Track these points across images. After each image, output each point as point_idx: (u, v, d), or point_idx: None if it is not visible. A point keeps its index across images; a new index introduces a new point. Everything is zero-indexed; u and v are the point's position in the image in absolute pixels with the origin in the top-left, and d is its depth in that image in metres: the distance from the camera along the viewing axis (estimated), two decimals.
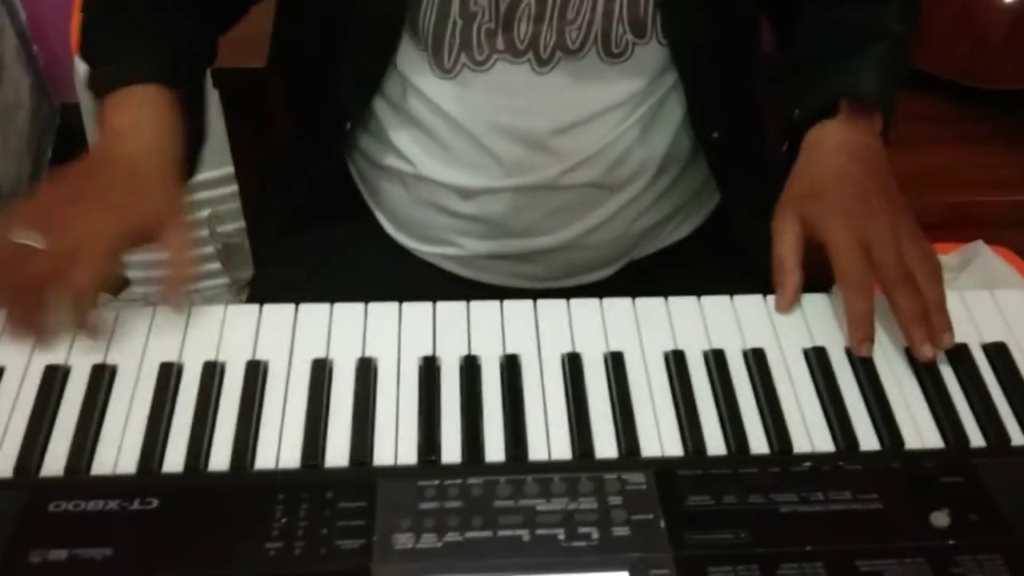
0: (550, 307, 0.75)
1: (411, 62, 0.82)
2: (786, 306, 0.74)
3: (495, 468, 0.64)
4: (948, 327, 0.71)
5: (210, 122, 0.88)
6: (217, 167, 1.65)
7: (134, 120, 0.77)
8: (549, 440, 0.66)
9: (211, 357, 0.70)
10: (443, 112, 0.83)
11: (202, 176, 1.67)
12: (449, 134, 0.84)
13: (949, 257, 1.34)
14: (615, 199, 0.87)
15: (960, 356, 0.72)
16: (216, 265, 1.76)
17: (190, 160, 0.82)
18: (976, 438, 0.67)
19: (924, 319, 0.70)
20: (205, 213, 1.72)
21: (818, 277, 0.78)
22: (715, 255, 0.95)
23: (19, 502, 0.60)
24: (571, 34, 0.80)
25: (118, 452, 0.64)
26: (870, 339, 0.71)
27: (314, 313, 0.74)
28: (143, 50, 0.80)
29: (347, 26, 0.82)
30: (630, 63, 0.82)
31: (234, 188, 1.61)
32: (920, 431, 0.67)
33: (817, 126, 0.81)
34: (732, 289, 0.77)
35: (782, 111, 0.87)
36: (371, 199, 0.95)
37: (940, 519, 0.60)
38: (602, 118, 0.84)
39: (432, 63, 0.81)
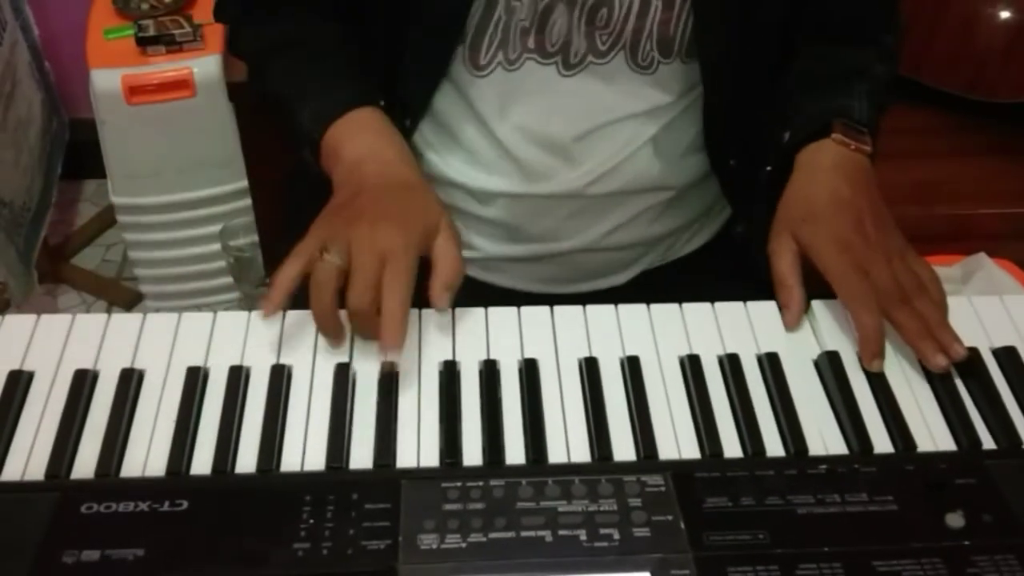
0: (567, 313, 0.76)
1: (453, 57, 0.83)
2: (794, 323, 0.76)
3: (516, 470, 0.65)
4: (956, 339, 0.72)
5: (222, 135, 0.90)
6: (230, 181, 1.67)
7: (369, 142, 0.80)
8: (568, 443, 0.68)
9: (236, 362, 0.71)
10: (473, 111, 0.85)
11: (215, 190, 1.70)
12: (475, 135, 0.86)
13: (952, 269, 1.35)
14: (632, 207, 0.89)
15: (971, 360, 0.73)
16: (228, 279, 1.78)
17: None
18: (988, 441, 0.68)
19: (929, 335, 0.72)
20: (217, 227, 1.74)
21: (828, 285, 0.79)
22: (727, 266, 0.97)
23: (51, 504, 0.61)
24: (601, 38, 0.82)
25: (147, 455, 0.66)
26: (881, 355, 0.72)
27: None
28: (341, 81, 0.83)
29: (412, 24, 0.83)
30: (655, 77, 0.84)
31: (247, 202, 1.63)
32: (932, 434, 0.69)
33: (811, 146, 0.83)
34: (744, 298, 0.78)
35: (768, 135, 0.89)
36: None
37: (955, 520, 0.61)
38: (622, 126, 0.85)
39: (467, 58, 0.83)
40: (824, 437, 0.68)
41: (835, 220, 0.78)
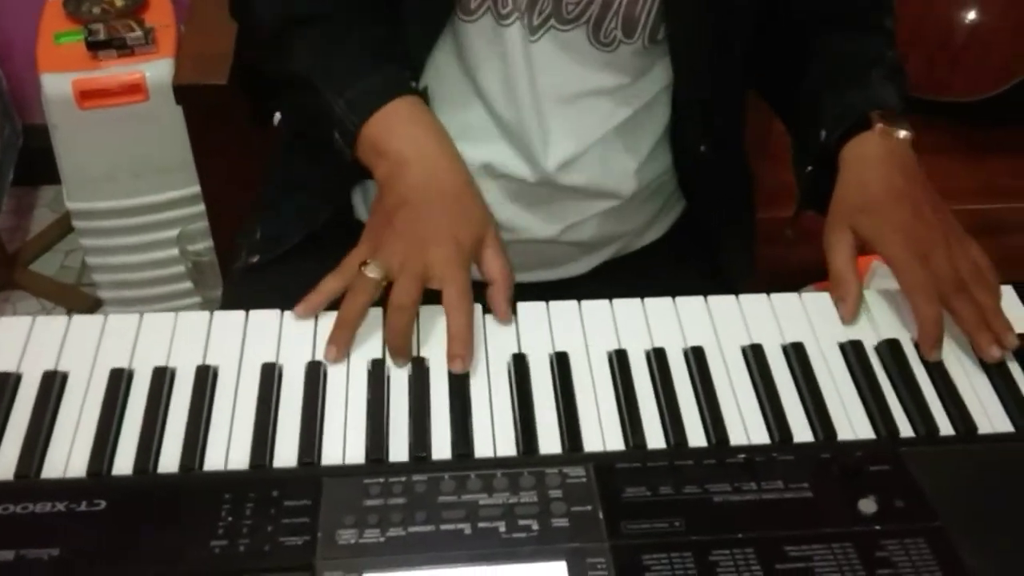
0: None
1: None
2: (851, 316, 0.76)
3: (441, 466, 0.65)
4: (1009, 328, 0.74)
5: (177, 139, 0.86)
6: (187, 186, 1.67)
7: (413, 141, 0.78)
8: (495, 438, 0.68)
9: (162, 362, 0.71)
10: (463, 63, 0.83)
11: (171, 194, 1.70)
12: (465, 93, 0.85)
13: None
14: (594, 206, 0.90)
15: (891, 350, 0.74)
16: (187, 284, 1.78)
17: None
18: (906, 429, 0.69)
19: (985, 324, 0.73)
20: (175, 232, 1.73)
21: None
22: (679, 259, 0.98)
23: None
24: (568, 6, 0.81)
25: (68, 456, 0.66)
26: (940, 343, 0.73)
27: (264, 319, 0.75)
28: (378, 64, 0.80)
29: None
30: (614, 56, 0.84)
31: (202, 207, 1.62)
32: (852, 423, 0.69)
33: (855, 140, 0.82)
34: (704, 285, 0.80)
35: (797, 137, 0.90)
36: (364, 206, 0.95)
37: (868, 506, 0.62)
38: (586, 104, 0.85)
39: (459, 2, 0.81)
40: (747, 427, 0.69)
41: (895, 209, 0.78)
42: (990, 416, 0.70)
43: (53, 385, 0.69)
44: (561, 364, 0.72)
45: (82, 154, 1.63)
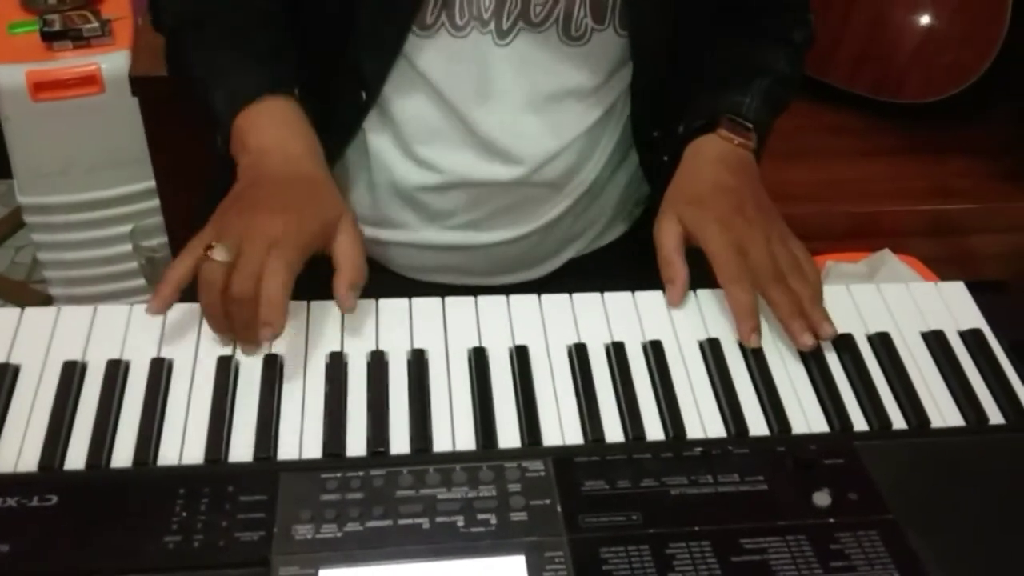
0: (458, 303, 0.77)
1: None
2: (678, 300, 0.78)
3: (399, 460, 0.65)
4: (825, 318, 0.75)
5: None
6: (141, 180, 1.64)
7: (277, 135, 0.79)
8: (454, 432, 0.68)
9: (115, 355, 0.70)
10: (422, 78, 0.84)
11: (125, 189, 1.67)
12: (429, 104, 0.85)
13: (857, 265, 1.38)
14: (561, 199, 0.90)
15: (846, 345, 0.75)
16: (141, 280, 1.75)
17: None
18: (860, 423, 0.70)
19: (801, 314, 0.75)
20: (128, 227, 1.71)
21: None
22: (638, 257, 0.98)
23: None
24: (535, 8, 0.82)
25: (20, 450, 0.64)
26: (757, 329, 0.75)
27: None
28: (254, 66, 0.81)
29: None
30: (587, 48, 0.85)
31: (156, 203, 1.60)
32: (807, 417, 0.70)
33: (699, 139, 0.87)
34: (661, 287, 0.80)
35: (665, 127, 0.91)
36: None
37: (822, 499, 0.62)
38: (559, 107, 0.86)
39: (415, 19, 0.81)
40: (703, 421, 0.70)
41: (718, 203, 0.81)
42: (942, 410, 0.71)
43: (4, 378, 0.68)
44: (521, 358, 0.73)
45: (35, 147, 1.60)
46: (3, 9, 1.59)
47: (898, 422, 0.70)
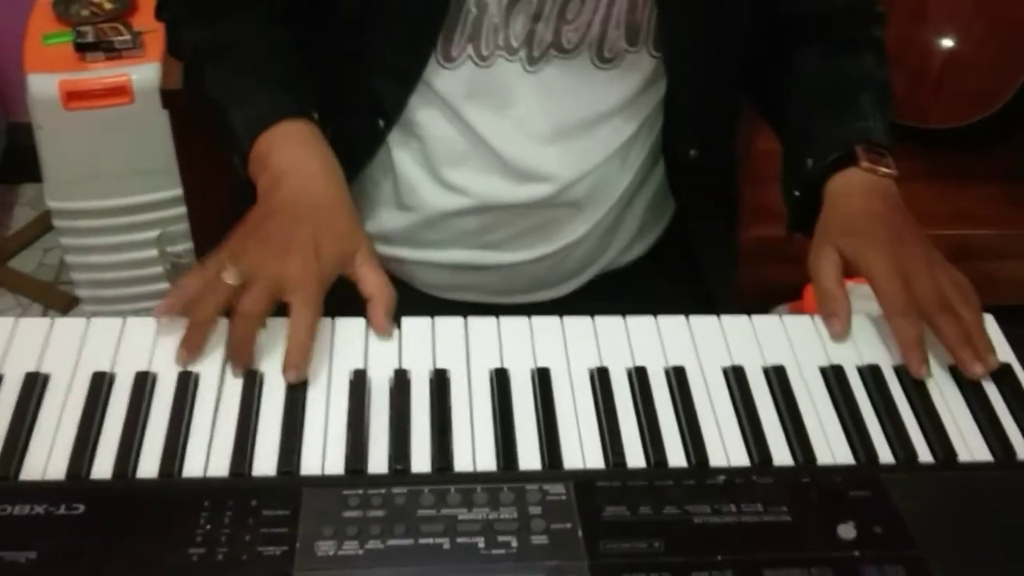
0: (480, 324, 0.77)
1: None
2: (842, 333, 0.77)
3: (420, 479, 0.65)
4: (991, 349, 0.75)
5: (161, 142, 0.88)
6: (168, 188, 1.66)
7: (295, 157, 0.79)
8: (475, 452, 0.68)
9: (144, 367, 0.71)
10: (446, 106, 0.84)
11: (152, 196, 1.69)
12: (454, 132, 0.85)
13: None
14: (592, 217, 0.90)
15: (872, 376, 0.75)
16: (165, 285, 1.77)
17: None
18: (886, 455, 0.70)
19: (969, 342, 0.74)
20: (155, 233, 1.73)
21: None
22: (662, 276, 0.99)
23: None
24: (567, 35, 0.82)
25: (48, 458, 0.65)
26: (925, 361, 0.74)
27: None
28: (272, 90, 0.82)
29: (385, 18, 0.83)
30: (619, 71, 0.85)
31: (182, 210, 1.62)
32: (832, 448, 0.70)
33: (839, 176, 0.85)
34: (681, 307, 0.80)
35: (787, 159, 0.91)
36: None
37: (847, 531, 0.62)
38: (590, 131, 0.86)
39: (439, 51, 0.82)
40: (727, 449, 0.69)
41: (877, 231, 0.80)
42: (969, 444, 0.71)
43: (34, 387, 0.68)
44: (543, 380, 0.73)
45: (65, 154, 1.62)
46: (38, 19, 1.62)
47: (924, 455, 0.70)
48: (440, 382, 0.72)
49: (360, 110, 0.87)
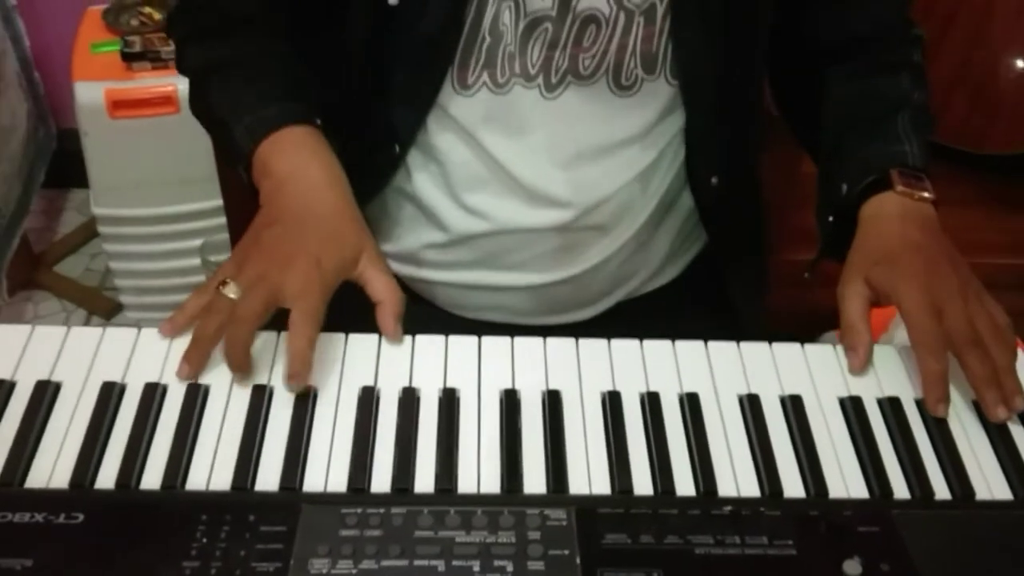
0: (494, 344, 0.76)
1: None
2: (860, 367, 0.75)
3: (421, 499, 0.65)
4: (1019, 391, 0.72)
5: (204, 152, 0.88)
6: (211, 198, 1.68)
7: (297, 161, 0.79)
8: (480, 474, 0.67)
9: (154, 379, 0.71)
10: (463, 131, 0.84)
11: (196, 205, 1.71)
12: (473, 156, 0.85)
13: None
14: (614, 241, 0.89)
15: (894, 409, 0.73)
16: None
17: None
18: (902, 490, 0.68)
19: (996, 383, 0.72)
20: (198, 242, 1.75)
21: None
22: (692, 301, 0.97)
23: None
24: (584, 61, 0.82)
25: (53, 467, 0.66)
26: (946, 399, 0.72)
27: (260, 342, 0.75)
28: (276, 99, 0.83)
29: (398, 42, 0.83)
30: (637, 98, 0.84)
31: (224, 219, 1.64)
32: (847, 481, 0.68)
33: (875, 200, 0.83)
34: (709, 334, 0.78)
35: (821, 182, 0.89)
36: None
37: (852, 567, 0.60)
38: (609, 156, 0.86)
39: (455, 78, 0.83)
40: (737, 478, 0.68)
41: (910, 261, 0.78)
42: (989, 482, 0.68)
43: (45, 395, 0.69)
44: (553, 402, 0.72)
45: (111, 162, 1.65)
46: (88, 28, 1.65)
47: (942, 492, 0.68)
48: (449, 401, 0.71)
49: (376, 135, 0.87)
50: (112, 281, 1.83)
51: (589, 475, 0.68)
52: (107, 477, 0.65)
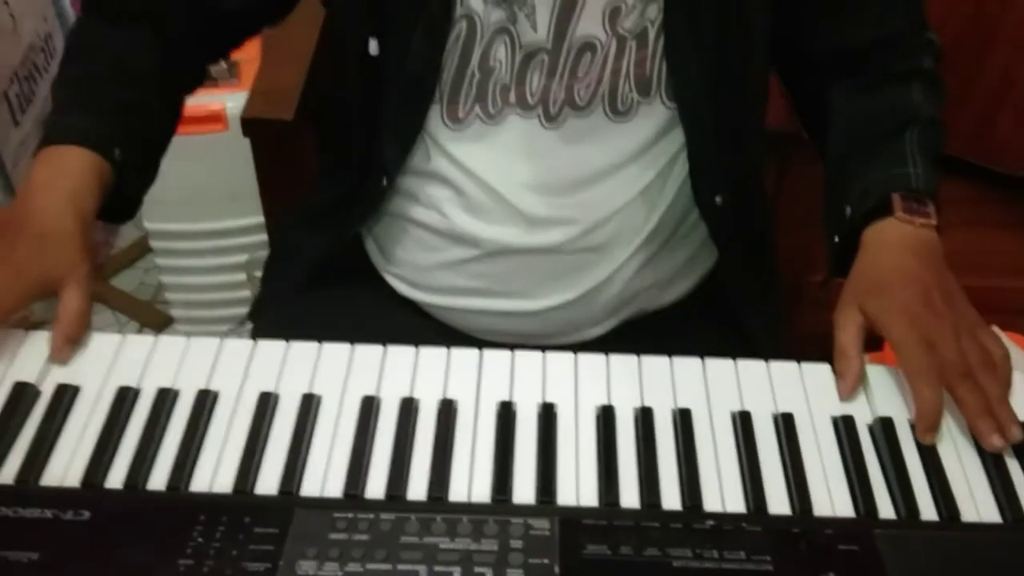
0: (494, 357, 0.78)
1: (428, 114, 0.86)
2: (848, 392, 0.76)
3: (411, 506, 0.67)
4: (1013, 419, 0.72)
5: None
6: (254, 214, 1.73)
7: (47, 179, 0.82)
8: (471, 483, 0.69)
9: (168, 384, 0.75)
10: (455, 163, 0.87)
11: (243, 221, 1.77)
12: (470, 186, 0.87)
13: None
14: (613, 262, 0.90)
15: (886, 429, 0.73)
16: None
17: (127, 206, 0.91)
18: (888, 510, 0.68)
19: (989, 413, 0.72)
20: (243, 258, 1.80)
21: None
22: (704, 320, 0.98)
23: None
24: (579, 91, 0.84)
25: (67, 466, 0.69)
26: (935, 428, 0.72)
27: (270, 350, 0.78)
28: (91, 113, 0.85)
29: (383, 85, 0.87)
30: (634, 123, 0.86)
31: (265, 236, 1.68)
32: (833, 499, 0.68)
33: (875, 226, 0.83)
34: (719, 353, 0.79)
35: (826, 201, 0.89)
36: (381, 256, 0.98)
37: None
38: (608, 179, 0.87)
39: (445, 114, 0.86)
40: (723, 494, 0.69)
41: (902, 292, 0.78)
42: (978, 504, 0.68)
43: (64, 397, 0.73)
44: (547, 415, 0.73)
45: (162, 177, 1.70)
46: None
47: (929, 513, 0.68)
48: (447, 412, 0.74)
49: (366, 167, 0.91)
50: (164, 295, 1.89)
51: (578, 487, 0.69)
52: (117, 477, 0.69)
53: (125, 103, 0.87)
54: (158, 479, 0.69)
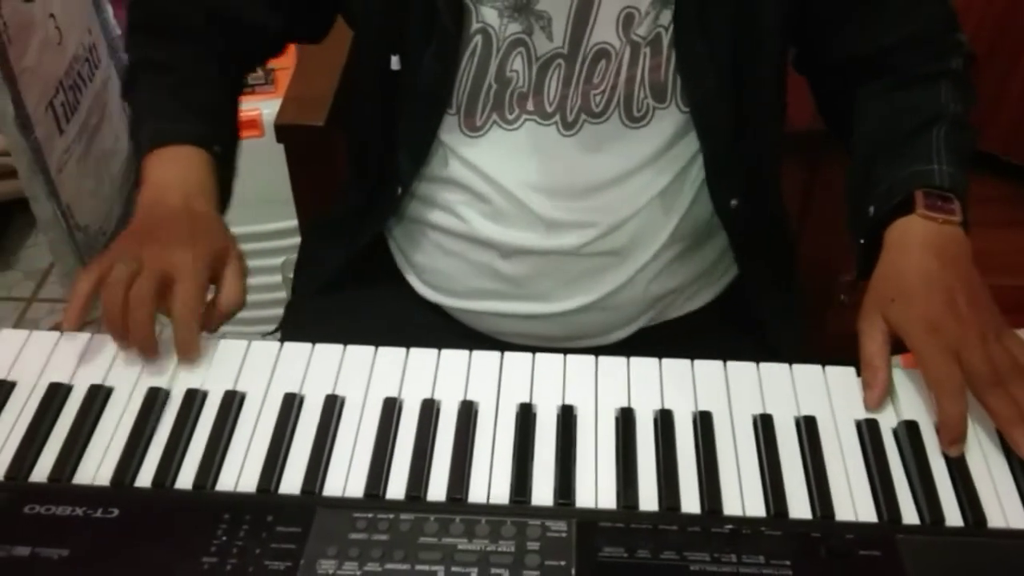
0: (515, 360, 0.79)
1: (444, 125, 0.88)
2: (876, 403, 0.75)
3: (431, 507, 0.68)
4: None
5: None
6: (289, 218, 1.75)
7: (177, 174, 0.86)
8: (490, 484, 0.70)
9: (196, 384, 0.76)
10: (478, 170, 0.88)
11: (278, 225, 1.79)
12: (487, 189, 0.88)
13: None
14: (633, 265, 0.90)
15: (911, 433, 0.72)
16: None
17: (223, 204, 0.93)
18: (912, 515, 0.67)
19: (1021, 421, 0.71)
20: (279, 261, 1.83)
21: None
22: (728, 326, 0.97)
23: None
24: (595, 98, 0.85)
25: (99, 465, 0.71)
26: (961, 440, 0.71)
27: (296, 351, 0.79)
28: (187, 116, 0.90)
29: (400, 98, 0.89)
30: (650, 128, 0.86)
31: (299, 240, 1.71)
32: (855, 504, 0.68)
33: (898, 224, 0.81)
34: (744, 359, 0.79)
35: (850, 205, 0.88)
36: (405, 260, 0.99)
37: None
38: (625, 183, 0.88)
39: (462, 123, 0.87)
40: (744, 498, 0.68)
41: (925, 300, 0.76)
42: (1006, 510, 0.67)
43: (96, 398, 0.75)
44: (566, 418, 0.74)
45: None
46: None
47: (954, 519, 0.67)
48: (467, 414, 0.74)
49: (380, 177, 0.92)
50: None
51: (596, 489, 0.69)
52: (146, 476, 0.70)
53: (208, 105, 0.92)
54: (185, 478, 0.70)
